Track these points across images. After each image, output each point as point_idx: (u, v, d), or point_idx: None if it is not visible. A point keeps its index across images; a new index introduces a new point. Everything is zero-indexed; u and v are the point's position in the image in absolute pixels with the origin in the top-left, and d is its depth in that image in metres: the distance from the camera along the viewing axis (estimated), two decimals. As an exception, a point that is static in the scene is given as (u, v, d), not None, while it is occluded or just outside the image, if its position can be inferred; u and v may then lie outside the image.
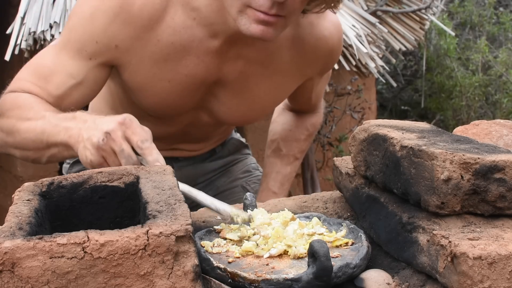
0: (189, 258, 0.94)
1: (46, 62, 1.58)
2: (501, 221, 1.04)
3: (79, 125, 1.40)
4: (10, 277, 0.88)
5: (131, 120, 1.35)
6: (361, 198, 1.25)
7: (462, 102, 6.56)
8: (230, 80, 1.64)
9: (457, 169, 1.01)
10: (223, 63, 1.61)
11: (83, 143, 1.37)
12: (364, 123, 1.28)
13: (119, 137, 1.32)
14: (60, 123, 1.44)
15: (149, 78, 1.60)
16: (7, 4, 3.99)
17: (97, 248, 0.90)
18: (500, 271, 0.92)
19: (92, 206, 1.18)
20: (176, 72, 1.60)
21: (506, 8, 8.06)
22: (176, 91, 1.62)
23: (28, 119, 1.50)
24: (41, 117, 1.48)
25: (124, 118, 1.35)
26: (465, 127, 1.36)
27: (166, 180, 1.17)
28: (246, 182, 2.01)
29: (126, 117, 1.35)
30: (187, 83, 1.62)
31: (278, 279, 1.00)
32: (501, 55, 6.74)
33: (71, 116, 1.45)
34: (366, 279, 1.04)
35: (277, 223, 1.19)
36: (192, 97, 1.66)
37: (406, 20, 4.71)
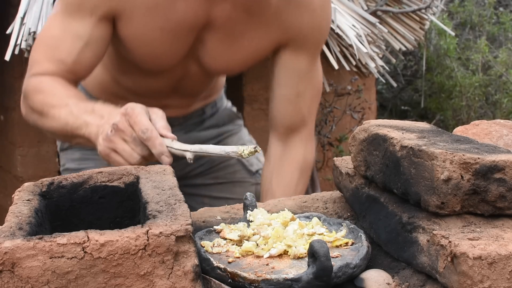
0: (189, 258, 0.94)
1: (52, 32, 1.65)
2: (501, 221, 1.04)
3: (97, 121, 1.45)
4: (10, 277, 0.88)
5: (132, 108, 1.38)
6: (361, 198, 1.25)
7: (462, 102, 6.55)
8: (217, 26, 1.69)
9: (457, 169, 1.01)
10: (211, 7, 1.66)
11: (99, 139, 1.42)
12: (364, 123, 1.28)
13: (126, 126, 1.34)
14: (81, 116, 1.49)
15: (141, 28, 1.65)
16: (7, 4, 3.99)
17: (97, 248, 0.90)
18: (500, 271, 0.92)
19: (92, 206, 1.18)
20: (166, 19, 1.64)
21: (506, 8, 8.06)
22: (167, 40, 1.67)
23: (52, 106, 1.56)
24: (64, 105, 1.53)
25: (126, 108, 1.37)
26: (465, 127, 1.36)
27: (166, 180, 1.17)
28: None
29: (128, 107, 1.38)
30: (177, 30, 1.66)
31: (278, 279, 1.00)
32: (501, 55, 6.74)
33: (90, 108, 1.49)
34: (366, 279, 1.04)
35: (277, 223, 1.19)
36: (183, 45, 1.70)
37: (406, 20, 4.71)
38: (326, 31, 1.85)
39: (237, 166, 2.01)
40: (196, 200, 1.99)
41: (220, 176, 2.02)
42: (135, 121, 1.35)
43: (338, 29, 3.96)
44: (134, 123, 1.35)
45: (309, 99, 1.89)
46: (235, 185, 2.03)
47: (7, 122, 4.26)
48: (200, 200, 1.99)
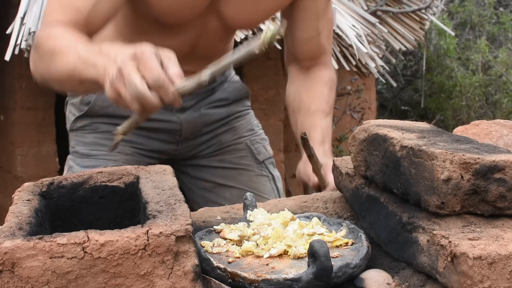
0: (189, 258, 0.94)
1: None
2: (501, 221, 1.04)
3: (104, 62, 1.35)
4: (10, 277, 0.88)
5: (142, 52, 1.26)
6: (361, 198, 1.25)
7: (462, 102, 6.56)
8: None
9: (457, 169, 1.01)
10: None
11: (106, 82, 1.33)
12: (364, 123, 1.28)
13: (128, 73, 1.24)
14: (89, 59, 1.41)
15: None
16: (7, 4, 3.99)
17: (97, 248, 0.90)
18: (500, 271, 0.92)
19: (92, 206, 1.18)
20: None
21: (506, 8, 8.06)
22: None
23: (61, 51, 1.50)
24: (73, 50, 1.47)
25: (135, 51, 1.27)
26: (465, 127, 1.36)
27: (166, 180, 1.17)
28: (250, 141, 2.00)
29: (137, 50, 1.26)
30: None
31: (278, 279, 1.00)
32: (501, 55, 6.74)
33: (98, 50, 1.41)
34: (366, 279, 1.04)
35: (277, 223, 1.19)
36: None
37: (406, 20, 4.71)
38: None
39: (244, 152, 1.99)
40: (198, 185, 1.98)
41: (226, 160, 1.99)
42: (145, 66, 1.24)
43: (338, 29, 3.96)
44: (145, 68, 1.24)
45: (327, 32, 1.91)
46: (240, 172, 1.99)
47: (7, 122, 4.26)
48: (202, 185, 1.97)
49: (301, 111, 1.86)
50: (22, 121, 4.13)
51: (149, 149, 1.89)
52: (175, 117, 1.88)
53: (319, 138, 1.80)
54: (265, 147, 2.03)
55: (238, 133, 1.99)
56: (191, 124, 1.90)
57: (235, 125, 1.99)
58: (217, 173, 1.97)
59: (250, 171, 1.97)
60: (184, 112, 1.89)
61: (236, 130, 1.99)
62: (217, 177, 1.97)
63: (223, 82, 1.99)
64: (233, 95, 2.01)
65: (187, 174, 1.98)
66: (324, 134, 1.82)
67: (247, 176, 1.97)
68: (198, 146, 1.93)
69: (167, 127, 1.89)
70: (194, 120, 1.91)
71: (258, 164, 2.00)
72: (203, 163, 1.97)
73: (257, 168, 1.99)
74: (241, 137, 1.99)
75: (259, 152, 1.99)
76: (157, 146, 1.89)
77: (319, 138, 1.80)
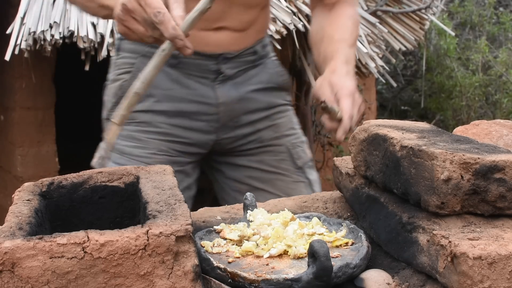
0: (189, 258, 0.94)
1: None
2: (501, 221, 1.04)
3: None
4: (10, 277, 0.88)
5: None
6: (361, 198, 1.25)
7: (462, 102, 6.56)
8: None
9: (457, 169, 1.01)
10: None
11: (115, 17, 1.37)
12: (364, 123, 1.28)
13: (136, 7, 1.29)
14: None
15: None
16: (7, 4, 3.99)
17: (97, 248, 0.90)
18: (500, 271, 0.92)
19: (92, 206, 1.18)
20: None
21: (506, 8, 8.06)
22: None
23: None
24: None
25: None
26: (465, 127, 1.36)
27: (166, 180, 1.17)
28: (291, 144, 1.93)
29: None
30: None
31: (278, 279, 1.00)
32: (501, 55, 6.74)
33: None
34: (366, 279, 1.04)
35: (277, 223, 1.19)
36: None
37: (406, 20, 4.71)
38: None
39: (284, 155, 1.93)
40: (232, 186, 1.92)
41: (265, 161, 1.92)
42: (145, 2, 1.28)
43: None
44: (145, 4, 1.28)
45: None
46: (278, 177, 1.92)
47: (7, 122, 4.26)
48: (236, 187, 1.90)
49: (324, 40, 1.77)
50: (22, 121, 4.13)
51: (187, 142, 1.82)
52: (212, 93, 1.81)
53: (343, 59, 1.69)
54: (304, 151, 1.97)
55: (279, 131, 1.92)
56: (229, 107, 1.83)
57: (277, 122, 1.93)
58: (255, 175, 1.91)
59: (288, 176, 1.91)
60: (223, 84, 1.82)
61: (278, 128, 1.93)
62: (254, 179, 1.92)
63: (264, 57, 1.93)
64: (274, 79, 1.94)
65: (222, 172, 1.94)
66: (348, 58, 1.71)
67: (285, 182, 1.91)
68: (239, 139, 1.87)
69: (204, 110, 1.81)
70: (232, 102, 1.83)
71: (297, 169, 1.94)
72: (242, 163, 1.91)
73: (295, 174, 1.93)
74: (282, 137, 1.93)
75: (299, 156, 1.93)
76: (195, 137, 1.83)
77: (342, 59, 1.69)
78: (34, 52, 3.60)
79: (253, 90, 1.88)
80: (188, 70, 1.79)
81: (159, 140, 1.79)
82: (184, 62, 1.77)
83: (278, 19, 3.76)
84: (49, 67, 4.16)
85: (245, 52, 1.85)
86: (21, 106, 4.10)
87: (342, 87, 1.55)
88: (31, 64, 3.89)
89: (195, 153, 1.84)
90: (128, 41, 1.81)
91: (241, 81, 1.85)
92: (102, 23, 3.56)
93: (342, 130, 1.49)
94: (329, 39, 1.74)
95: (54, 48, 3.63)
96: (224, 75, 1.81)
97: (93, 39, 3.49)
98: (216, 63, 1.79)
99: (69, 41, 3.53)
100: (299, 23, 3.84)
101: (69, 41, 3.53)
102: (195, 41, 1.76)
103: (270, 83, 1.91)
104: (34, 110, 4.15)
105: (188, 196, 1.86)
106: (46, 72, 4.15)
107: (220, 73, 1.80)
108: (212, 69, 1.79)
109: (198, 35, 1.73)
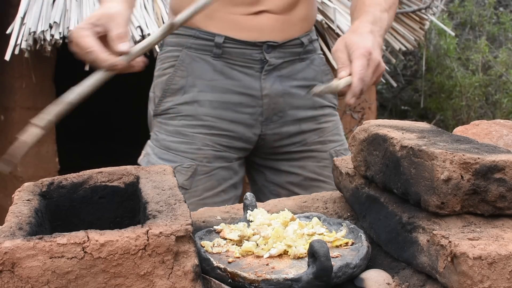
0: (189, 258, 0.94)
1: None
2: (501, 221, 1.04)
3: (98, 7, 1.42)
4: (10, 277, 0.88)
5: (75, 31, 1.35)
6: (361, 198, 1.25)
7: (462, 102, 6.55)
8: None
9: (457, 169, 1.01)
10: None
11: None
12: (364, 123, 1.28)
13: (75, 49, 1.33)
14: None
15: None
16: (7, 4, 3.99)
17: (97, 248, 0.90)
18: (500, 271, 0.92)
19: (92, 206, 1.18)
20: None
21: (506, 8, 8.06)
22: None
23: None
24: None
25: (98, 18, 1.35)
26: (465, 127, 1.36)
27: (166, 180, 1.17)
28: (335, 151, 1.90)
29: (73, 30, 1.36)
30: None
31: (278, 279, 1.00)
32: (501, 55, 6.74)
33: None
34: (366, 279, 1.04)
35: (277, 223, 1.19)
36: None
37: (406, 20, 4.71)
38: None
39: (327, 161, 1.89)
40: (272, 190, 1.88)
41: (308, 167, 1.88)
42: (77, 44, 1.33)
43: (338, 29, 3.96)
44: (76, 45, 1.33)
45: None
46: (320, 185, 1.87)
47: (7, 122, 4.26)
48: (276, 191, 1.87)
49: (357, 7, 1.70)
50: (22, 121, 4.13)
51: (232, 136, 1.81)
52: (256, 84, 1.80)
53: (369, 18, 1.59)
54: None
55: (324, 136, 1.89)
56: (273, 100, 1.81)
57: (322, 126, 1.90)
58: (296, 181, 1.89)
59: (329, 184, 1.87)
60: (268, 75, 1.80)
61: (323, 133, 1.90)
62: (295, 185, 1.89)
63: (311, 52, 1.89)
64: (319, 78, 1.90)
65: (263, 175, 1.92)
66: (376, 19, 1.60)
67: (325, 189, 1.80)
68: (283, 138, 1.85)
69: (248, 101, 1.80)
70: (276, 95, 1.81)
71: None
72: (284, 168, 1.89)
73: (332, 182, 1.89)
74: (326, 142, 1.90)
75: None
76: (240, 130, 1.81)
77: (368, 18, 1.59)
78: (34, 52, 3.60)
79: (298, 86, 1.86)
80: (233, 60, 1.79)
81: (204, 134, 1.79)
82: (228, 51, 1.78)
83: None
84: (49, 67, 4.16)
85: (291, 43, 1.83)
86: (21, 106, 4.10)
87: (358, 47, 1.47)
88: (31, 64, 3.89)
89: (240, 148, 1.83)
90: (172, 34, 1.81)
91: (286, 74, 1.83)
92: (102, 23, 3.56)
93: (351, 93, 1.44)
94: (361, 5, 1.67)
95: (54, 48, 3.63)
96: (269, 64, 1.80)
97: (93, 39, 3.49)
98: (260, 52, 1.79)
99: (69, 41, 3.53)
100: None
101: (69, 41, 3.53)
102: (236, 28, 1.79)
103: (316, 81, 1.86)
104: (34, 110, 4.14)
105: (235, 195, 1.85)
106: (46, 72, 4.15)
107: (265, 62, 1.79)
108: (256, 58, 1.79)
109: (238, 21, 1.77)
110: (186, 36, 1.81)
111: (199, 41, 1.81)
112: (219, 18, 1.78)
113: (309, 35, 1.89)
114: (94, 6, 3.57)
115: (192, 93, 1.80)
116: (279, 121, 1.83)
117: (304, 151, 1.88)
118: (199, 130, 1.79)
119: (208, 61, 1.80)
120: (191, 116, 1.80)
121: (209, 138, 1.79)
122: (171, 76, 1.82)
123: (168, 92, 1.83)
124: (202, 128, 1.80)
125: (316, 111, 1.89)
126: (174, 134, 1.81)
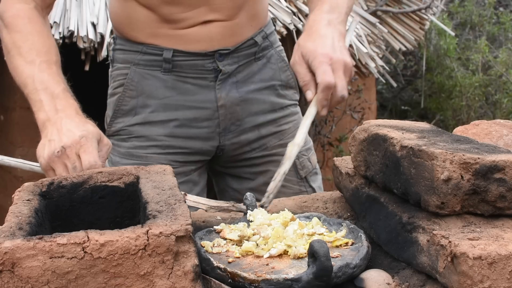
0: (189, 258, 0.94)
1: None
2: (501, 221, 1.04)
3: (50, 114, 1.40)
4: (10, 277, 0.88)
5: (86, 139, 1.33)
6: (361, 198, 1.25)
7: (462, 102, 6.56)
8: None
9: (457, 169, 1.01)
10: None
11: (45, 139, 1.38)
12: (364, 123, 1.28)
13: (73, 154, 1.31)
14: (40, 92, 1.44)
15: None
16: (7, 4, 3.98)
17: (97, 248, 0.90)
18: (500, 271, 0.92)
19: (92, 206, 1.18)
20: None
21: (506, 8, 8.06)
22: None
23: (20, 53, 1.52)
24: (30, 62, 1.48)
25: (82, 136, 1.33)
26: (465, 127, 1.36)
27: (166, 180, 1.17)
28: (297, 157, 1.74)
29: (84, 136, 1.34)
30: None
31: (278, 279, 1.00)
32: (501, 55, 6.74)
33: (51, 90, 1.43)
34: (366, 279, 1.04)
35: (277, 223, 1.19)
36: None
37: (406, 20, 4.72)
38: None
39: None
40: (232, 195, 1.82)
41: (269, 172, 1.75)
42: (84, 151, 1.31)
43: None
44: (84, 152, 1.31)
45: None
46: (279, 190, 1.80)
47: (7, 122, 4.26)
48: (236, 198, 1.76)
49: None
50: (22, 121, 4.13)
51: (188, 152, 1.75)
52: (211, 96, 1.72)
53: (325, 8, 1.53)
54: (309, 159, 1.88)
55: (284, 139, 1.81)
56: (230, 110, 1.74)
57: (282, 129, 1.83)
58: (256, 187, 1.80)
59: (289, 188, 1.82)
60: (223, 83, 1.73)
61: (283, 135, 1.83)
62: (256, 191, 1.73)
63: (267, 48, 1.82)
64: (277, 76, 1.83)
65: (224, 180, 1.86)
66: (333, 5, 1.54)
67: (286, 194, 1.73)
68: (243, 146, 1.79)
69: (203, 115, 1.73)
70: (232, 104, 1.74)
71: (299, 179, 1.85)
72: (246, 175, 1.83)
73: (297, 184, 1.85)
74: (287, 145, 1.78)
75: (303, 166, 1.84)
76: (197, 146, 1.75)
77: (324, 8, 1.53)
78: (34, 52, 3.59)
79: (255, 90, 1.78)
80: (184, 73, 1.71)
81: (158, 154, 1.73)
82: (178, 65, 1.70)
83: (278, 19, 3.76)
84: (49, 67, 4.15)
85: (244, 45, 1.75)
86: (21, 106, 4.10)
87: (315, 56, 1.42)
88: (31, 64, 3.89)
89: (198, 161, 1.77)
90: (120, 51, 1.76)
91: (242, 79, 1.76)
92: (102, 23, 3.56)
93: (320, 105, 1.42)
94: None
95: (54, 48, 3.63)
96: (223, 72, 1.72)
97: (93, 39, 3.49)
98: (212, 61, 1.70)
99: (69, 41, 3.52)
100: (299, 23, 3.84)
101: (69, 41, 3.53)
102: (184, 40, 1.70)
103: (274, 81, 1.82)
104: (34, 110, 4.15)
105: None
106: (46, 72, 4.14)
107: (218, 71, 1.71)
108: (209, 68, 1.71)
109: (185, 34, 1.69)
110: (133, 52, 1.73)
111: (147, 56, 1.72)
112: (164, 34, 1.70)
113: (263, 31, 1.80)
114: (94, 6, 3.57)
115: (144, 114, 1.73)
116: (237, 130, 1.77)
117: (265, 156, 1.82)
118: (153, 151, 1.73)
119: (158, 77, 1.72)
120: (143, 136, 1.74)
121: (163, 157, 1.73)
122: (121, 96, 1.75)
123: (119, 113, 1.76)
124: (155, 148, 1.74)
125: (276, 114, 1.83)
126: (127, 156, 1.75)
